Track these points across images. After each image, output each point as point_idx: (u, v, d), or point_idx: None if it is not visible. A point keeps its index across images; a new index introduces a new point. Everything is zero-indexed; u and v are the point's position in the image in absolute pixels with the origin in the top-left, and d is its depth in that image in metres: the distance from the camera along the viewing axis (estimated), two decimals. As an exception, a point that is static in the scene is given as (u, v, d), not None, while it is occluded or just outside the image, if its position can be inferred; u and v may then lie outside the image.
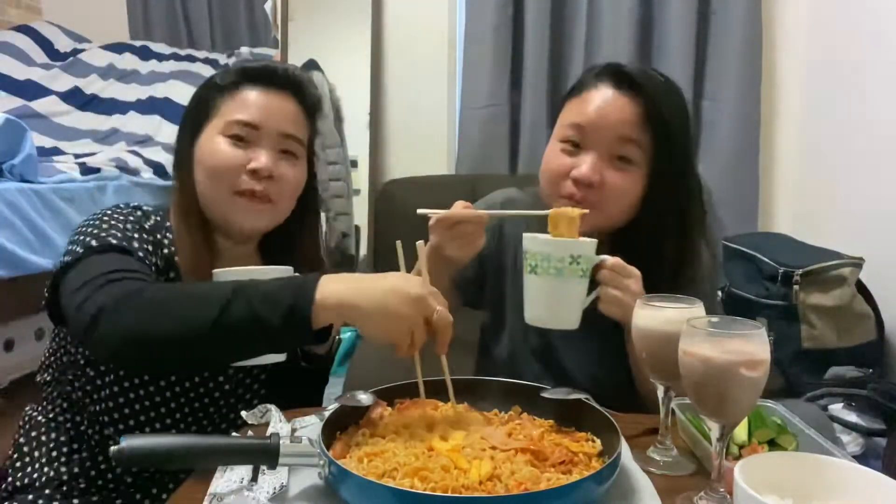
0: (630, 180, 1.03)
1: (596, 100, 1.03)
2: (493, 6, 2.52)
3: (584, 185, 1.03)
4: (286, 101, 1.05)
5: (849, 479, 0.66)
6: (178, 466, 0.91)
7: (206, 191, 1.02)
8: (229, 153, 1.00)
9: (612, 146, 1.02)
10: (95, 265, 0.88)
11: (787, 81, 2.54)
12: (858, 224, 2.10)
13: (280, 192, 1.03)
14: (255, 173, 1.00)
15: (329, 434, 0.80)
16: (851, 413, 1.61)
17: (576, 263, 0.96)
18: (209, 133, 1.02)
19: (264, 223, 1.06)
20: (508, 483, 0.71)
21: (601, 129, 1.02)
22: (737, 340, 0.71)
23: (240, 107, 1.02)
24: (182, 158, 1.05)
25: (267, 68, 1.06)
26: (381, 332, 0.82)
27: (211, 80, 1.07)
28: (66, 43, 2.99)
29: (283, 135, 1.03)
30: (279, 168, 1.02)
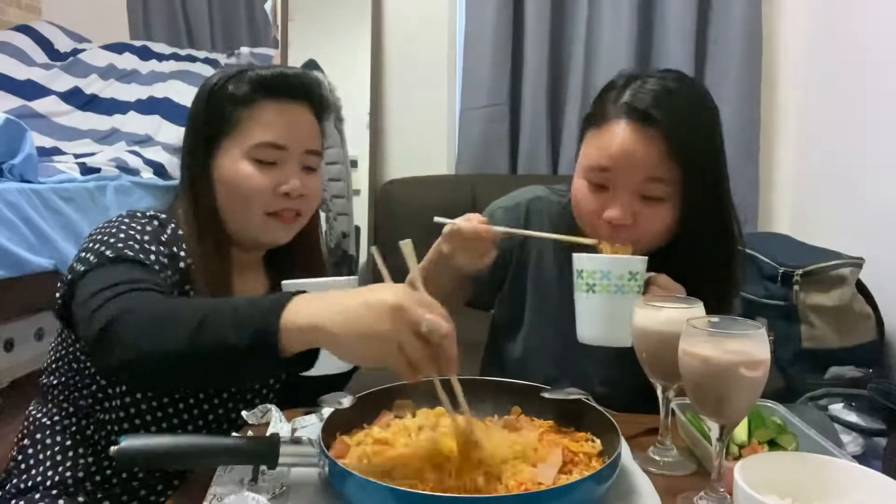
0: (661, 214, 1.01)
1: (617, 139, 0.99)
2: (493, 6, 2.52)
3: (621, 228, 1.01)
4: (305, 113, 1.04)
5: (849, 479, 0.66)
6: (179, 466, 0.91)
7: (232, 212, 1.01)
8: (259, 178, 0.99)
9: (639, 186, 0.99)
10: (107, 275, 0.86)
11: (787, 81, 2.54)
12: (858, 224, 2.10)
13: (309, 206, 1.05)
14: (287, 195, 1.00)
15: (329, 434, 0.80)
16: (851, 413, 1.61)
17: (634, 280, 0.96)
18: (231, 153, 1.00)
19: (291, 236, 1.06)
20: (509, 483, 0.71)
21: (627, 171, 0.99)
22: (737, 340, 0.71)
23: (263, 127, 0.99)
24: (196, 173, 1.02)
25: (282, 77, 1.02)
26: (360, 357, 0.71)
27: (222, 86, 1.01)
28: (66, 43, 2.99)
29: (308, 151, 1.03)
30: (306, 184, 1.02)
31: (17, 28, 2.92)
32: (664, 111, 0.96)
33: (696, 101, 1.02)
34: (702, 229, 1.03)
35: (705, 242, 1.03)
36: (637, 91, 0.99)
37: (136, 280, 0.85)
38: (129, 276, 0.86)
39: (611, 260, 0.99)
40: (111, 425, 0.98)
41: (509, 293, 1.21)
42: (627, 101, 0.99)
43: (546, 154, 2.58)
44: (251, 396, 1.08)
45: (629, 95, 0.99)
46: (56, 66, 2.79)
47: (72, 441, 1.00)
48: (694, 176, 0.98)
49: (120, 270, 0.87)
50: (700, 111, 1.02)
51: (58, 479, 0.98)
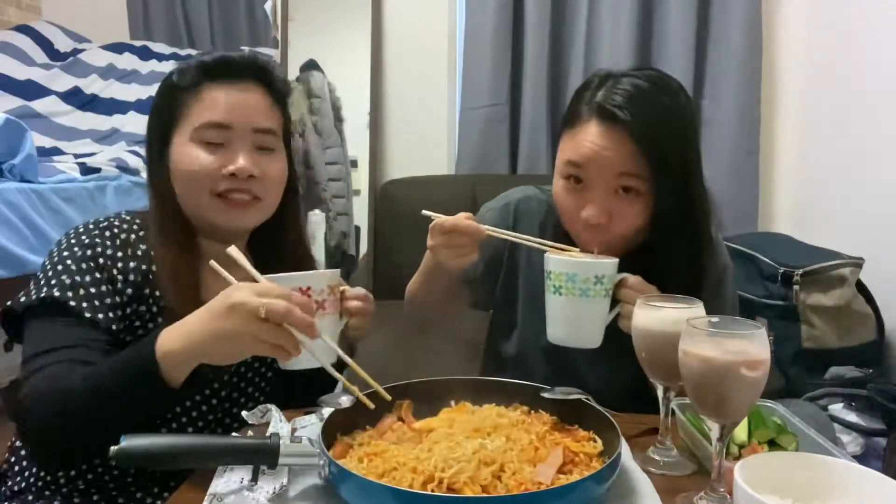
0: (636, 208, 1.03)
1: (589, 137, 1.02)
2: (493, 6, 2.52)
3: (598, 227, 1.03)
4: (253, 92, 1.01)
5: (849, 479, 0.66)
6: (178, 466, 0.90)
7: (186, 199, 1.00)
8: (204, 160, 0.97)
9: (612, 181, 1.02)
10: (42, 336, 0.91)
11: (787, 81, 2.54)
12: (858, 224, 2.10)
13: (265, 188, 1.02)
14: (234, 176, 0.98)
15: (329, 434, 0.80)
16: (851, 413, 1.61)
17: (600, 283, 0.98)
18: (180, 140, 0.99)
19: (253, 222, 1.04)
20: (508, 483, 0.71)
21: (599, 170, 1.01)
22: (737, 340, 0.71)
23: (206, 108, 0.98)
24: (154, 168, 1.02)
25: (225, 60, 1.01)
26: (232, 356, 0.81)
27: (168, 79, 1.02)
28: (66, 43, 2.99)
29: (257, 130, 1.00)
30: (260, 165, 1.00)
31: (17, 28, 2.92)
32: (631, 111, 0.99)
33: (665, 99, 1.03)
34: (672, 224, 1.04)
35: (676, 237, 1.05)
36: (608, 91, 1.02)
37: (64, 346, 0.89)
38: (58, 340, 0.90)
39: (577, 263, 0.99)
40: None
41: (502, 294, 1.22)
42: (598, 101, 1.02)
43: (546, 154, 2.58)
44: (245, 400, 1.07)
45: (601, 95, 1.02)
46: (56, 66, 2.79)
47: None
48: (662, 172, 1.00)
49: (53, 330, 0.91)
50: (669, 109, 1.03)
51: (50, 479, 0.98)
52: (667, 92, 1.03)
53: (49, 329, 0.91)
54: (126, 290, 0.96)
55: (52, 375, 0.86)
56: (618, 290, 1.00)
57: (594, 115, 1.02)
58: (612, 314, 1.00)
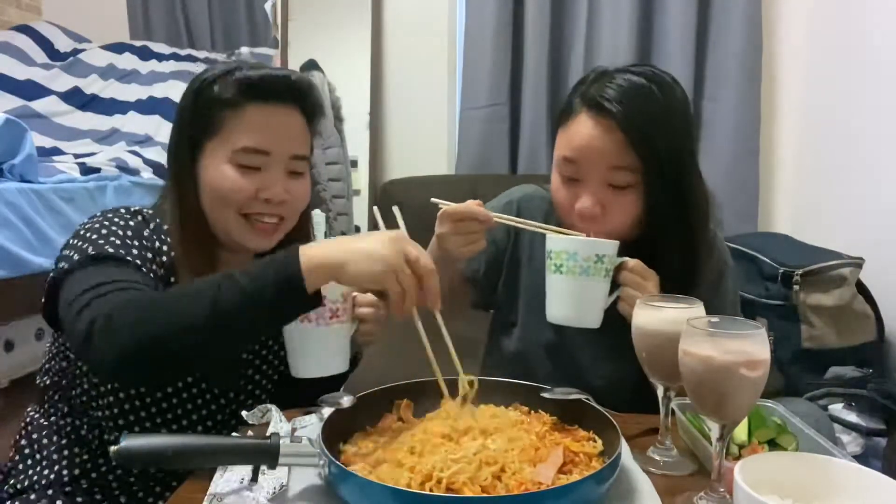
0: (629, 201, 1.03)
1: (581, 132, 1.03)
2: (493, 6, 2.52)
3: (588, 217, 1.04)
4: (292, 116, 1.01)
5: (849, 479, 0.66)
6: (178, 466, 0.91)
7: (213, 214, 1.00)
8: (240, 183, 0.97)
9: (604, 175, 1.03)
10: (92, 275, 0.86)
11: (787, 81, 2.54)
12: (858, 224, 2.10)
13: (291, 211, 1.04)
14: (268, 201, 0.99)
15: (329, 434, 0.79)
16: (851, 413, 1.61)
17: (600, 262, 0.99)
18: (215, 156, 0.98)
19: (274, 244, 1.04)
20: (509, 483, 0.71)
21: (590, 163, 1.03)
22: (737, 340, 0.71)
23: (247, 131, 0.97)
24: (181, 173, 1.01)
25: (270, 81, 1.00)
26: (366, 275, 0.82)
27: (207, 87, 1.00)
28: (66, 43, 2.99)
29: (294, 157, 1.01)
30: (290, 190, 1.01)
31: (17, 28, 2.92)
32: (622, 103, 1.00)
33: (657, 93, 1.03)
34: (665, 219, 1.04)
35: (669, 232, 1.05)
36: (601, 85, 1.03)
37: (120, 279, 0.86)
38: (113, 275, 0.86)
39: (578, 242, 1.01)
40: (105, 422, 0.98)
41: (504, 292, 1.23)
42: (590, 95, 1.03)
43: (546, 154, 2.58)
44: (244, 397, 1.08)
45: (594, 89, 1.04)
46: (56, 66, 2.79)
47: (67, 440, 1.00)
48: (653, 166, 1.01)
49: (104, 270, 0.87)
50: (661, 103, 1.03)
51: (54, 478, 0.98)
52: (660, 86, 1.04)
53: (97, 273, 0.87)
54: (160, 271, 0.97)
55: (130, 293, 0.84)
56: (618, 274, 1.01)
57: (585, 108, 1.03)
58: (612, 297, 1.01)
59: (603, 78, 1.05)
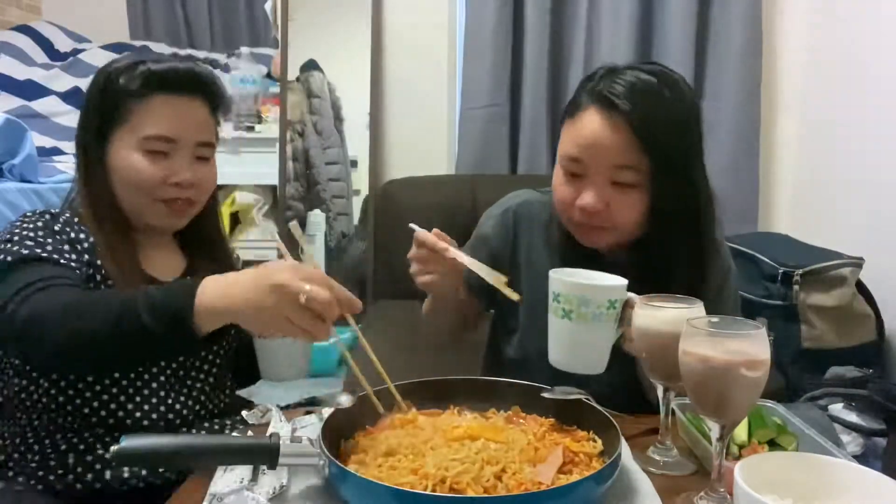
0: (634, 200, 1.02)
1: (587, 128, 1.02)
2: (493, 6, 2.52)
3: (593, 215, 1.03)
4: (197, 107, 1.06)
5: (849, 479, 0.66)
6: (178, 466, 0.91)
7: (126, 199, 1.04)
8: (149, 170, 1.02)
9: (609, 173, 1.01)
10: (16, 279, 0.89)
11: (787, 81, 2.54)
12: (858, 224, 2.10)
13: (200, 194, 1.08)
14: (178, 185, 1.03)
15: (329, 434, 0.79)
16: (851, 413, 1.61)
17: (612, 308, 0.94)
18: (123, 144, 1.03)
19: (185, 222, 1.10)
20: (509, 483, 0.71)
21: (597, 158, 1.01)
22: (737, 340, 0.71)
23: (154, 120, 1.02)
24: (89, 160, 1.05)
25: (173, 72, 1.04)
26: (260, 327, 0.85)
27: (112, 77, 1.04)
28: (66, 43, 2.99)
29: (199, 143, 1.06)
30: (198, 174, 1.06)
31: (17, 28, 2.92)
32: (630, 100, 0.99)
33: (667, 92, 1.02)
34: (670, 221, 1.03)
35: (674, 235, 1.04)
36: (610, 81, 1.02)
37: (45, 278, 0.90)
38: (37, 275, 0.90)
39: (590, 287, 0.94)
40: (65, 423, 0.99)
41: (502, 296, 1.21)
42: (599, 90, 1.02)
43: (546, 154, 2.58)
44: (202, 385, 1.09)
45: (602, 85, 1.02)
46: (56, 66, 2.79)
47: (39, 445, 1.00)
48: (660, 165, 0.99)
49: (26, 272, 0.91)
50: (670, 103, 1.02)
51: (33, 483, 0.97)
52: (669, 86, 1.03)
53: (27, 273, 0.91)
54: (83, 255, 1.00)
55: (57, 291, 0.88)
56: (624, 312, 0.95)
57: (593, 104, 1.02)
58: (616, 336, 0.97)
59: (612, 74, 1.03)
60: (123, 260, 1.02)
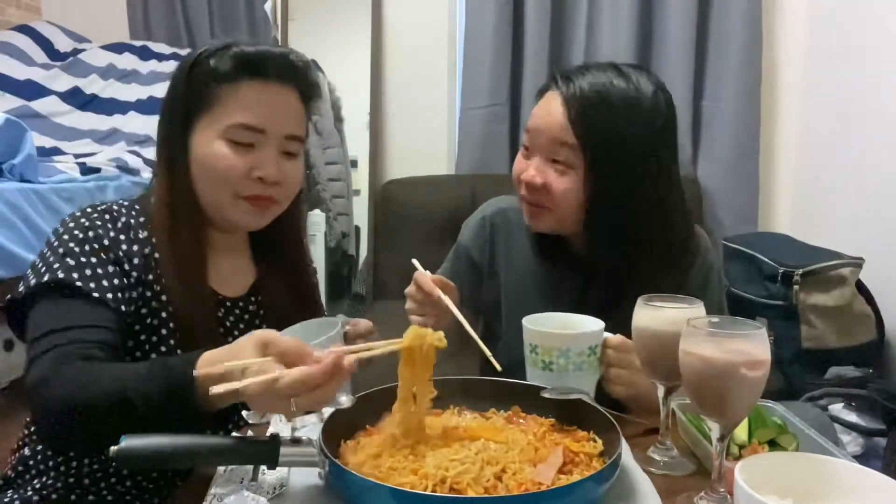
0: (570, 181, 1.03)
1: (541, 105, 1.07)
2: (493, 6, 2.52)
3: (532, 189, 1.05)
4: (288, 95, 0.99)
5: (849, 479, 0.66)
6: (179, 466, 0.90)
7: (206, 192, 0.98)
8: (233, 160, 0.95)
9: (548, 150, 1.04)
10: (49, 314, 0.87)
11: (787, 81, 2.54)
12: (858, 224, 2.10)
13: (285, 194, 1.02)
14: (262, 180, 0.97)
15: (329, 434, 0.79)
16: (851, 413, 1.61)
17: (593, 354, 0.94)
18: (208, 131, 0.96)
19: (267, 222, 1.03)
20: (509, 483, 0.71)
21: (538, 134, 1.05)
22: (737, 340, 0.71)
23: (242, 107, 0.95)
24: (171, 148, 0.99)
25: (267, 57, 0.97)
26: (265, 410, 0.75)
27: (203, 61, 0.97)
28: (66, 43, 2.99)
29: (289, 136, 0.99)
30: (284, 171, 0.99)
31: (17, 28, 2.92)
32: (574, 81, 1.03)
33: (621, 83, 1.02)
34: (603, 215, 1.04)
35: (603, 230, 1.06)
36: (577, 68, 1.07)
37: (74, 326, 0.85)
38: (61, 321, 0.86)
39: (570, 337, 0.93)
40: None
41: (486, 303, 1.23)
42: (561, 71, 1.08)
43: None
44: None
45: (568, 69, 1.08)
46: (56, 66, 2.79)
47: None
48: (590, 150, 1.01)
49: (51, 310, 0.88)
50: (619, 91, 1.02)
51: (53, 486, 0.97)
52: (626, 78, 1.03)
53: (55, 311, 0.87)
54: (132, 273, 0.94)
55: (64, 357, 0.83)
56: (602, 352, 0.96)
57: (552, 83, 1.08)
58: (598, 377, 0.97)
59: (585, 66, 1.08)
60: (190, 271, 0.96)
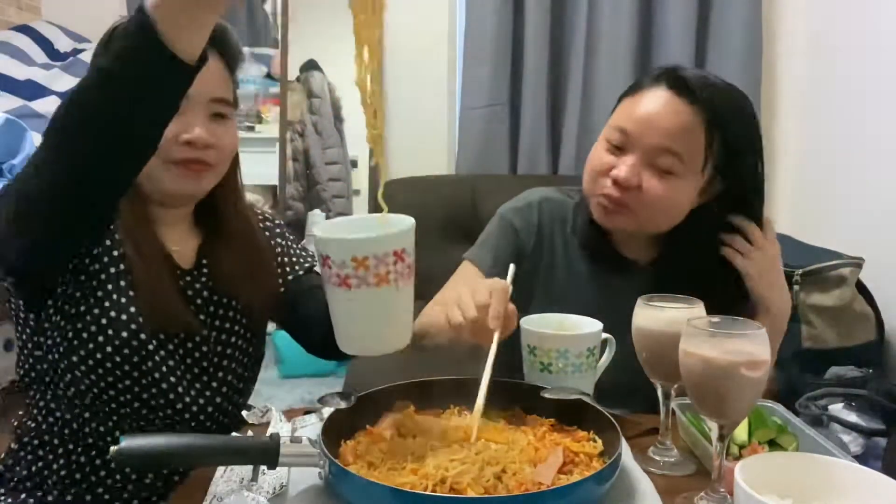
0: (671, 189, 1.00)
1: (650, 103, 1.01)
2: (493, 6, 2.52)
3: (621, 187, 1.01)
4: (213, 61, 0.97)
5: (849, 479, 0.66)
6: (178, 466, 0.91)
7: None
8: None
9: (651, 153, 1.00)
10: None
11: (787, 81, 2.54)
12: (858, 224, 2.10)
13: (219, 157, 1.01)
14: (191, 144, 0.96)
15: (329, 434, 0.79)
16: (851, 413, 1.61)
17: (592, 356, 0.94)
18: None
19: (205, 188, 1.02)
20: (509, 483, 0.71)
21: (645, 134, 1.00)
22: (737, 340, 0.71)
23: None
24: None
25: None
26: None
27: None
28: (66, 43, 2.99)
29: (214, 99, 0.99)
30: (215, 134, 0.99)
31: (17, 28, 2.92)
32: (704, 87, 0.99)
33: (737, 95, 1.03)
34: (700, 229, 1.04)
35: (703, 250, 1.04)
36: (681, 68, 1.03)
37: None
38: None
39: (568, 338, 0.93)
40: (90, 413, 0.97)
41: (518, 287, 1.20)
42: (670, 69, 1.02)
43: (546, 154, 2.58)
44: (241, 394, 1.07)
45: (670, 68, 1.03)
46: (56, 66, 2.79)
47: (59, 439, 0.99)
48: (728, 164, 1.00)
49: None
50: (741, 106, 1.03)
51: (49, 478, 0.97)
52: (738, 92, 1.04)
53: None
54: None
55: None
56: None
57: (662, 82, 1.01)
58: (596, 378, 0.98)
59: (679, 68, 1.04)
60: (140, 238, 0.96)
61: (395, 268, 0.74)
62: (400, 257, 0.75)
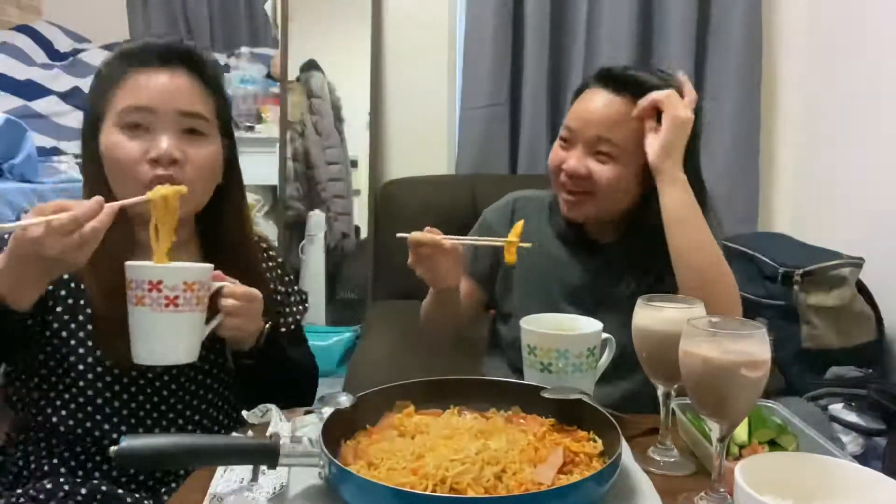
0: (615, 171, 1.11)
1: (584, 101, 1.14)
2: (493, 6, 2.52)
3: (574, 177, 1.13)
4: (179, 77, 0.98)
5: (849, 479, 0.66)
6: (178, 466, 0.90)
7: (119, 192, 0.95)
8: (128, 146, 0.94)
9: (591, 143, 1.11)
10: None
11: (787, 81, 2.54)
12: (858, 224, 2.10)
13: (190, 174, 0.96)
14: (157, 161, 0.94)
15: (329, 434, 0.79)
16: (851, 413, 1.61)
17: (592, 356, 0.94)
18: (107, 128, 0.96)
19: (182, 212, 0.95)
20: (509, 483, 0.71)
21: (585, 128, 1.12)
22: (737, 340, 0.71)
23: (130, 93, 0.95)
24: (87, 157, 1.00)
25: (148, 46, 0.98)
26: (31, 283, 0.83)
27: (98, 73, 1.00)
28: (66, 43, 2.99)
29: (183, 113, 0.97)
30: (183, 149, 0.96)
31: (17, 28, 2.92)
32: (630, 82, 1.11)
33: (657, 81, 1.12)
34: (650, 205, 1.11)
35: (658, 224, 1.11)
36: (616, 67, 1.15)
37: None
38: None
39: (568, 338, 0.94)
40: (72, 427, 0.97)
41: (501, 284, 1.28)
42: (604, 69, 1.16)
43: (546, 154, 2.57)
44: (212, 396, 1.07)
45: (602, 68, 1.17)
46: (56, 66, 2.79)
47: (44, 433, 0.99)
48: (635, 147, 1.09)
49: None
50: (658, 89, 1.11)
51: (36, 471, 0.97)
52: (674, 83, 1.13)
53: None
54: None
55: None
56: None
57: (599, 79, 1.14)
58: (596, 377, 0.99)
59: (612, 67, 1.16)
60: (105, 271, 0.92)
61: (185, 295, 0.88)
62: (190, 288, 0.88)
